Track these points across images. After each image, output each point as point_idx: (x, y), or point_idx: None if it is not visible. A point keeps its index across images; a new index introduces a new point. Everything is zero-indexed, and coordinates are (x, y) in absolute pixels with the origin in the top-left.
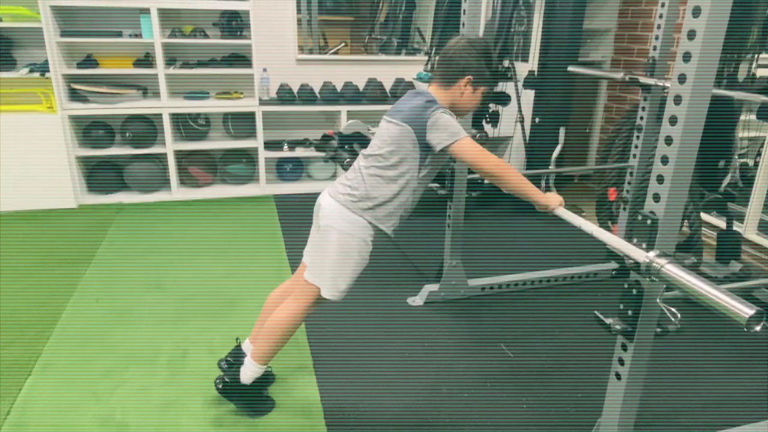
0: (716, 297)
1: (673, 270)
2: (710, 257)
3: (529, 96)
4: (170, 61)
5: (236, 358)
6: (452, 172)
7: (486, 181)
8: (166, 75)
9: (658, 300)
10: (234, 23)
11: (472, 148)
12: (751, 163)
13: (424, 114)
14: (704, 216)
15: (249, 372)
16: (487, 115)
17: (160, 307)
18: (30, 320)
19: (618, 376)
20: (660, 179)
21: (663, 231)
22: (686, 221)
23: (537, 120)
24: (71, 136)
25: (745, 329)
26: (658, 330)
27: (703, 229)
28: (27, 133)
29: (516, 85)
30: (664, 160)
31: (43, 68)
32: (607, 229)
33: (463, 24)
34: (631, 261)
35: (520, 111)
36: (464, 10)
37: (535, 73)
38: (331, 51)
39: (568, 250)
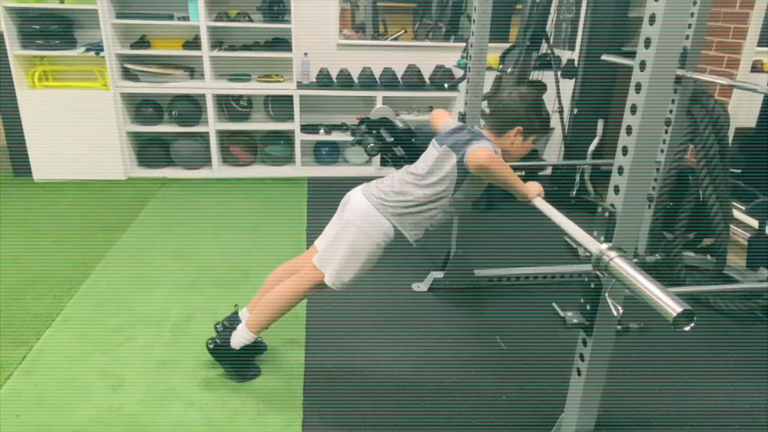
0: (650, 292)
1: (619, 264)
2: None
3: (569, 86)
4: (217, 44)
5: (232, 323)
6: None
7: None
8: (210, 57)
9: (606, 294)
10: (276, 8)
11: (478, 150)
12: None
13: (468, 143)
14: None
15: (239, 338)
16: None
17: (179, 275)
18: (62, 278)
19: (578, 372)
20: (620, 170)
21: (621, 225)
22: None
23: (575, 111)
24: (123, 112)
25: (673, 326)
26: (619, 327)
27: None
28: (83, 108)
29: (556, 74)
30: (624, 151)
31: (98, 48)
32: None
33: (475, 8)
34: (588, 253)
35: (559, 101)
36: None
37: (575, 62)
38: (392, 38)
39: None
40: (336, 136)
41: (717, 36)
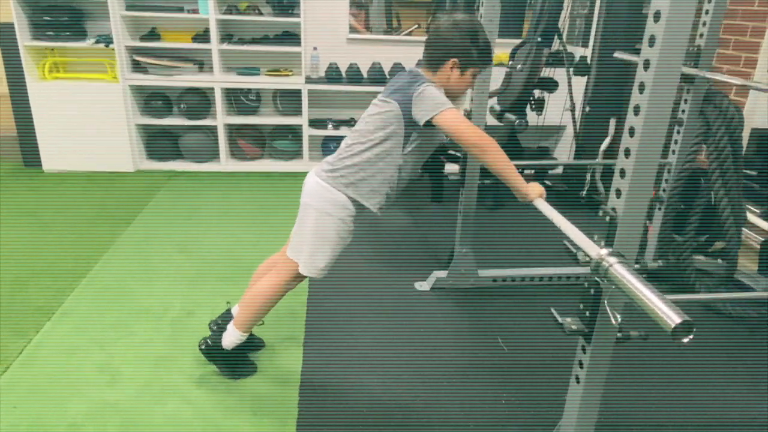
0: (650, 301)
1: (619, 270)
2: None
3: (581, 83)
4: (227, 37)
5: (225, 320)
6: (464, 156)
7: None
8: (219, 50)
9: (605, 302)
10: (285, 1)
11: (454, 118)
12: None
13: (409, 89)
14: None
15: (230, 338)
16: (532, 101)
17: (181, 269)
18: (65, 270)
19: (577, 380)
20: (622, 173)
21: (623, 229)
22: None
23: (587, 109)
24: (132, 104)
25: (672, 337)
26: (619, 335)
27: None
28: (92, 100)
29: (568, 71)
30: (627, 153)
31: (107, 40)
32: (645, 229)
33: (482, 3)
34: (587, 258)
35: (571, 98)
36: None
37: (588, 59)
38: (404, 33)
39: None
40: (344, 132)
41: (735, 34)
